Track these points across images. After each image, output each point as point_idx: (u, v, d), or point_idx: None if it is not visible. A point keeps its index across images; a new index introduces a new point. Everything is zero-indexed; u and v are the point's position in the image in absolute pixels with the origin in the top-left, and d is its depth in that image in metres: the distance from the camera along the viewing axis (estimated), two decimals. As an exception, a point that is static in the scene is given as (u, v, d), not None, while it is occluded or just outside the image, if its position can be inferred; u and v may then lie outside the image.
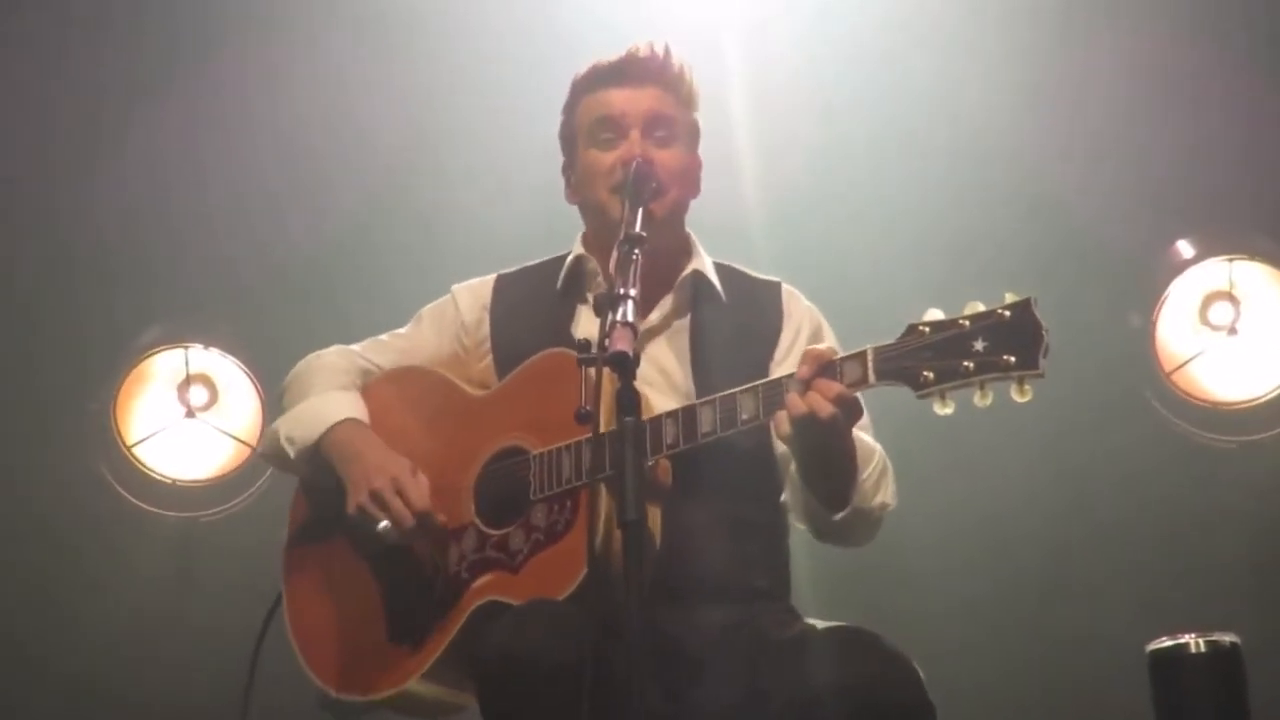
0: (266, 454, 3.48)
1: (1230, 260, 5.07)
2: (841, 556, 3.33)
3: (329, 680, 3.28)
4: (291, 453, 3.35)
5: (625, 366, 2.71)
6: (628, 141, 3.25)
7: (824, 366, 2.86)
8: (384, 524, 3.17)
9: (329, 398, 3.37)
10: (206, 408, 5.21)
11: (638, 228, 3.01)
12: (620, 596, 2.62)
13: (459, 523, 3.22)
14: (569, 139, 3.39)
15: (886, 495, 3.15)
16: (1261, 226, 5.11)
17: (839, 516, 3.06)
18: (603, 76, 3.32)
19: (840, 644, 3.00)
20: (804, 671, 2.96)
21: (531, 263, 3.48)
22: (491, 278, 3.48)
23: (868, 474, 3.09)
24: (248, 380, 5.20)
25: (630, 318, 2.78)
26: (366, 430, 3.32)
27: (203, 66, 5.02)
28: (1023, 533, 5.00)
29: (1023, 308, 2.73)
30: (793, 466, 3.12)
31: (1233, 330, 5.07)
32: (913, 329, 2.80)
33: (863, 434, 3.09)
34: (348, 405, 3.36)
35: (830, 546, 3.23)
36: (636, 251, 2.94)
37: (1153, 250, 5.14)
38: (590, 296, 3.31)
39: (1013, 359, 2.70)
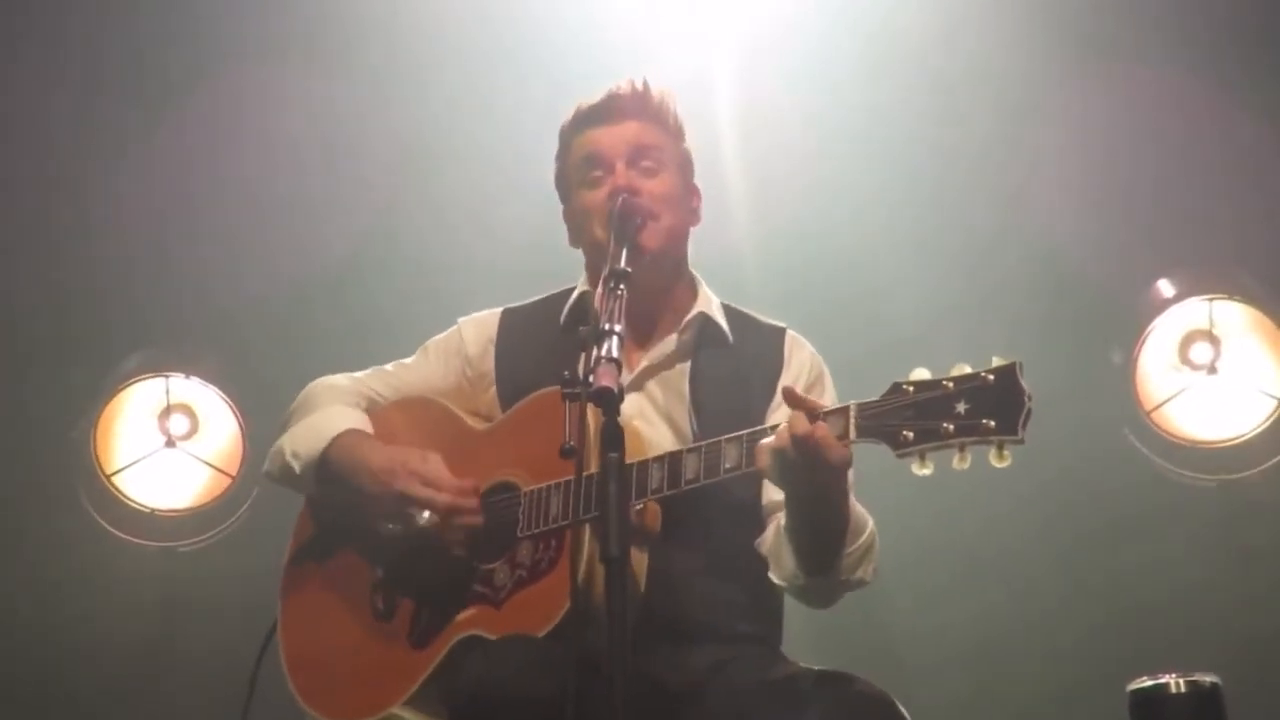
0: (272, 472, 3.45)
1: (1210, 300, 5.08)
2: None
3: (315, 704, 3.28)
4: (297, 468, 3.34)
5: (610, 402, 2.70)
6: (614, 174, 3.24)
7: (810, 416, 2.81)
8: (425, 515, 3.16)
9: (330, 411, 3.37)
10: (187, 437, 5.18)
11: (622, 263, 2.99)
12: (601, 634, 2.61)
13: None
14: (563, 185, 3.39)
15: (867, 572, 3.08)
16: (1241, 266, 5.13)
17: (815, 581, 3.03)
18: (586, 118, 3.32)
19: (825, 686, 2.99)
20: (789, 713, 2.94)
21: (538, 297, 3.47)
22: (498, 311, 3.47)
23: (855, 547, 3.02)
24: (228, 410, 5.17)
25: (615, 353, 2.76)
26: (368, 438, 3.31)
27: (193, 96, 5.01)
28: (1002, 572, 5.00)
29: (1007, 372, 2.68)
30: (779, 518, 3.10)
31: (1213, 369, 5.08)
32: (897, 387, 2.75)
33: (858, 505, 3.05)
34: (350, 418, 3.35)
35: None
36: (622, 287, 2.93)
37: (1134, 289, 5.16)
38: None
39: (993, 423, 2.65)
